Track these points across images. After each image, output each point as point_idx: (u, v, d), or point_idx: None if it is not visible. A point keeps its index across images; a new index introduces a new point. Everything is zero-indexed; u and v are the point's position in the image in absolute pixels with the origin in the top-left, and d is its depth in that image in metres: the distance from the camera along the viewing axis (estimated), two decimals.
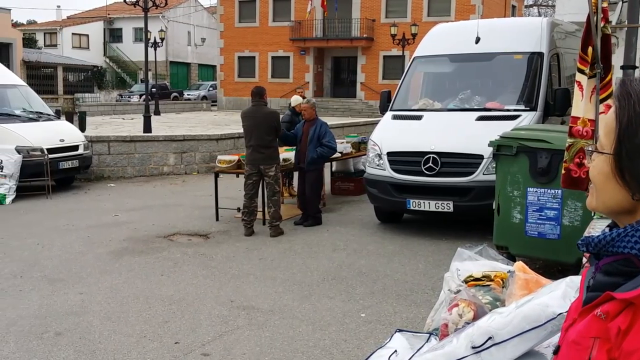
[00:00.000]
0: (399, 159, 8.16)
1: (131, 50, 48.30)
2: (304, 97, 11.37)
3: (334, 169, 11.70)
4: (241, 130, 16.48)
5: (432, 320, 3.81)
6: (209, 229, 8.67)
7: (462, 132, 7.99)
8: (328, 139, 8.83)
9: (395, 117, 8.82)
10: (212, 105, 38.70)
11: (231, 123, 22.25)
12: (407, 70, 9.53)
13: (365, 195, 9.07)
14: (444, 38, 9.46)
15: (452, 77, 9.47)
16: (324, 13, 34.28)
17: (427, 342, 3.51)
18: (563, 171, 4.74)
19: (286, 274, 6.56)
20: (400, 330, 3.74)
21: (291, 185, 11.11)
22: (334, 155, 9.66)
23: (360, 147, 11.34)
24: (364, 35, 34.16)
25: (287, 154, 9.31)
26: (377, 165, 8.32)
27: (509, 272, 3.72)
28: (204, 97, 41.54)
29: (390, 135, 8.50)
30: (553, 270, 6.25)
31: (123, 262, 6.96)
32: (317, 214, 8.97)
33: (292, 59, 36.39)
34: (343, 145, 10.66)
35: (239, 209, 9.44)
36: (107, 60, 49.05)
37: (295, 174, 9.99)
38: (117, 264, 6.89)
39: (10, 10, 32.22)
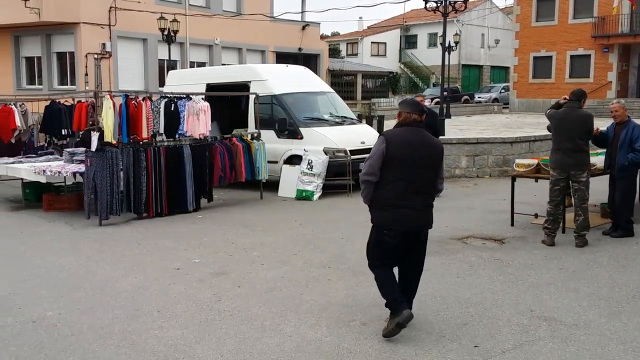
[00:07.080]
0: None
1: (425, 55, 49.74)
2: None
3: None
4: (537, 133, 16.01)
5: None
6: (503, 234, 8.46)
7: None
8: None
9: None
10: (504, 108, 37.71)
11: (524, 126, 21.45)
12: None
13: None
14: None
15: None
16: (631, 7, 31.16)
17: None
18: None
19: (591, 287, 6.09)
20: None
21: None
22: None
23: None
24: None
25: (592, 158, 8.62)
26: None
27: None
28: (495, 100, 40.65)
29: None
30: None
31: None
32: (628, 224, 8.16)
33: (593, 58, 33.66)
34: None
35: (536, 215, 9.08)
36: (402, 66, 51.12)
37: (600, 181, 9.11)
38: None
39: (319, 24, 35.42)
